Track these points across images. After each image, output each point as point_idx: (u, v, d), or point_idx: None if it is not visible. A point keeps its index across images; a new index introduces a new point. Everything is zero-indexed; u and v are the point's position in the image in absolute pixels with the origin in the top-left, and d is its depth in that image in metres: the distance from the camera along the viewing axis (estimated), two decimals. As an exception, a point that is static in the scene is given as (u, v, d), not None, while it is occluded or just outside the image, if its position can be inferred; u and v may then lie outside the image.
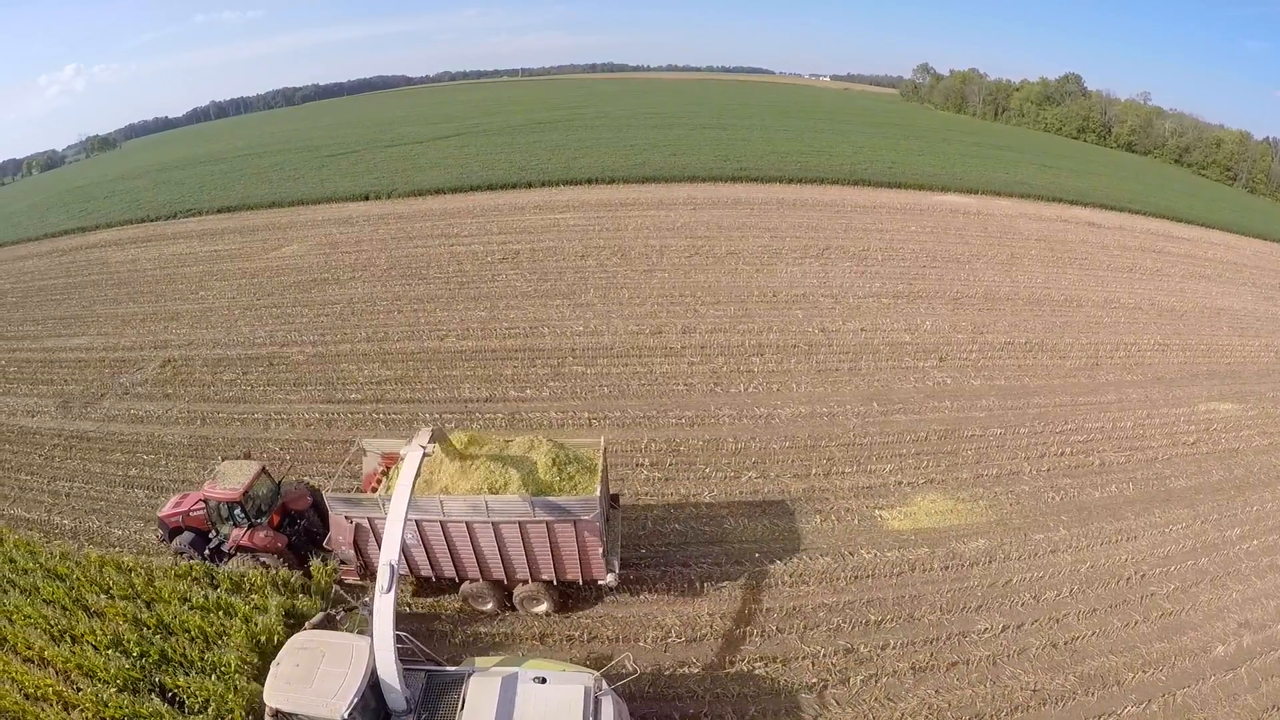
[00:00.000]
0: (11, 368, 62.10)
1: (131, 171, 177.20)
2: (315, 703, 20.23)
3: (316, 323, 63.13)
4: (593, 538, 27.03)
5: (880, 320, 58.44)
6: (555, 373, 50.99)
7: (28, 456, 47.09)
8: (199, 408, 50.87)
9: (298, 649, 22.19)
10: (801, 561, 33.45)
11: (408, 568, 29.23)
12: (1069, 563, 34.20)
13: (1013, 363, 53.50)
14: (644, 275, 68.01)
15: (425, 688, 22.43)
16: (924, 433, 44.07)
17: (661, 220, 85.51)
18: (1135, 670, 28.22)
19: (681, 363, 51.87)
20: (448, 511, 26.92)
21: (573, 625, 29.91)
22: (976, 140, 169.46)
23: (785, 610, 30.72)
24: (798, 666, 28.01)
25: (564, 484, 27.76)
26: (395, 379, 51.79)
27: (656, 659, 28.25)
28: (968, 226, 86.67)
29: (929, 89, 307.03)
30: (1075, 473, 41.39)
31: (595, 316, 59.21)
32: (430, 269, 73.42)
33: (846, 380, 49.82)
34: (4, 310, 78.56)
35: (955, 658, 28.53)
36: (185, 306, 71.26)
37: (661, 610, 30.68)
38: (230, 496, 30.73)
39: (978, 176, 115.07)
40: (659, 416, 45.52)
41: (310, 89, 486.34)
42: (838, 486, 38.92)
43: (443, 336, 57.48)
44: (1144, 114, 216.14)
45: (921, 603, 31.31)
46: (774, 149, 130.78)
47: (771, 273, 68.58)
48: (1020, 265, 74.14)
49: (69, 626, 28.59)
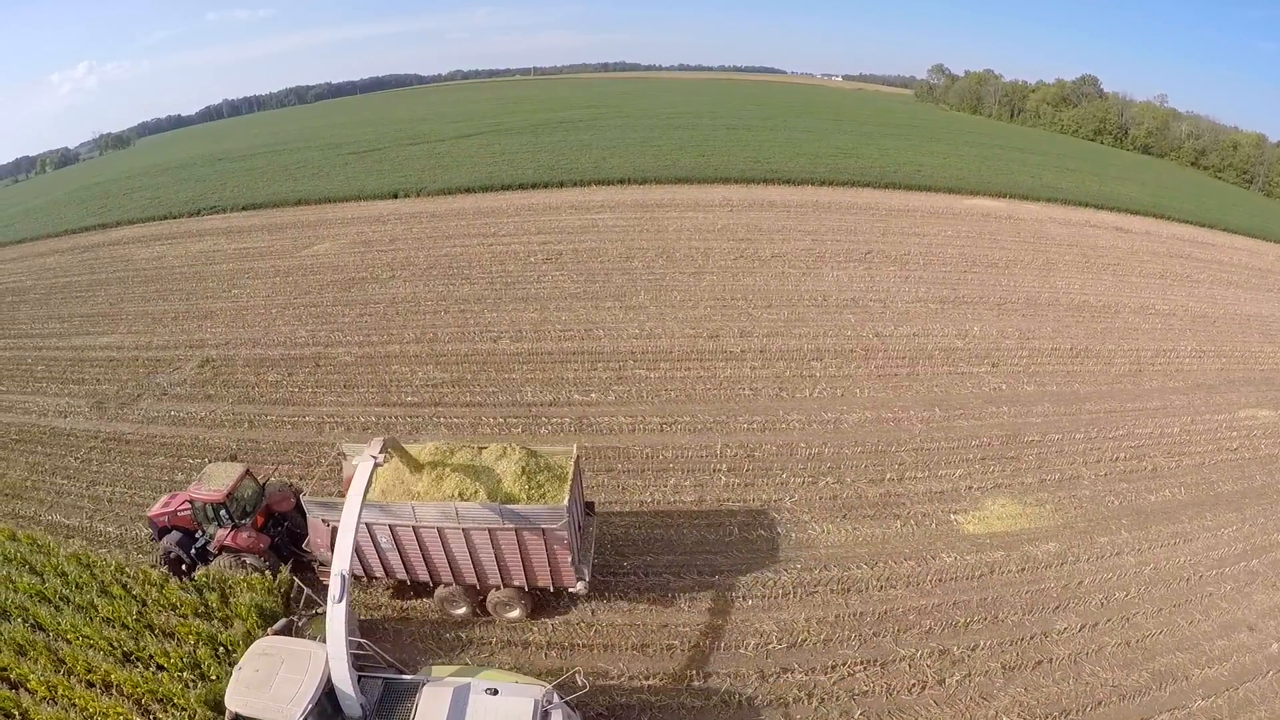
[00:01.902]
0: (39, 366, 61.77)
1: (149, 168, 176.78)
2: (272, 708, 20.98)
3: (360, 323, 62.98)
4: (561, 546, 27.35)
5: (930, 325, 58.71)
6: (618, 376, 51.12)
7: (63, 459, 46.51)
8: (244, 410, 50.63)
9: (259, 654, 22.94)
10: (887, 566, 33.93)
11: (384, 571, 29.94)
12: (1133, 564, 34.80)
13: (1061, 369, 53.79)
14: (692, 278, 68.18)
15: (382, 695, 23.00)
16: (986, 438, 44.42)
17: (701, 222, 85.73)
18: (1201, 666, 29.10)
19: (744, 367, 52.00)
20: (420, 517, 27.41)
21: (672, 634, 30.33)
22: (998, 143, 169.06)
23: (877, 614, 31.18)
24: (895, 669, 28.51)
25: (533, 492, 28.06)
26: (451, 381, 51.67)
27: (759, 665, 28.69)
28: (1000, 231, 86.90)
29: (944, 90, 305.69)
30: (1130, 477, 41.82)
31: (649, 319, 59.41)
32: (472, 269, 73.39)
33: (906, 385, 50.12)
34: (27, 307, 78.52)
35: (1039, 657, 29.15)
36: (218, 304, 71.22)
37: (758, 617, 31.05)
38: (214, 498, 31.50)
39: (1004, 180, 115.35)
40: (729, 421, 45.69)
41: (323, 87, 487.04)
42: (912, 491, 39.32)
43: (495, 338, 57.42)
44: (1160, 116, 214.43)
45: (1003, 604, 31.87)
46: (801, 150, 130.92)
47: (818, 276, 68.84)
48: (1057, 271, 74.38)
49: (136, 648, 28.42)
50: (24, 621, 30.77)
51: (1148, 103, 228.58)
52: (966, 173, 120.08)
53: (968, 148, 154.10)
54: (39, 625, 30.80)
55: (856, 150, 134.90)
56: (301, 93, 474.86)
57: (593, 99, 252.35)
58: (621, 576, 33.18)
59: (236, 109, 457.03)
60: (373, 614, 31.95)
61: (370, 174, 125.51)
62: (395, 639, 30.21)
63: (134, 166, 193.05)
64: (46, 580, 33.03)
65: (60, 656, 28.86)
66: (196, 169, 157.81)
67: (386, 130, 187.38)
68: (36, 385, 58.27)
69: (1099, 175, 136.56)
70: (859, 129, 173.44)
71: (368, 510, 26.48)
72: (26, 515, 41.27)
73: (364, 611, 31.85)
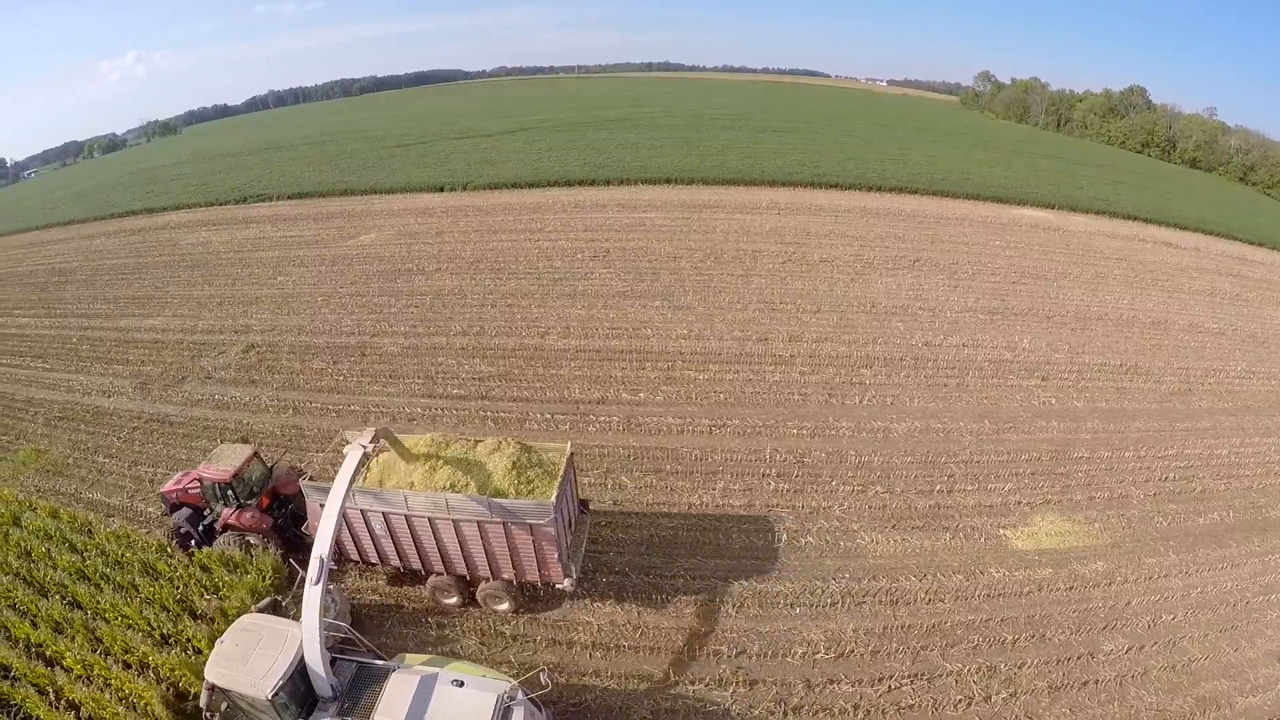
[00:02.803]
0: (84, 346, 62.72)
1: (195, 155, 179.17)
2: (246, 681, 21.60)
3: (406, 314, 63.34)
4: (548, 542, 27.61)
5: (979, 336, 58.19)
6: (666, 377, 51.03)
7: (105, 438, 47.27)
8: (288, 396, 51.16)
9: (241, 630, 23.55)
10: (935, 579, 33.69)
11: (379, 557, 30.61)
12: (1180, 588, 34.34)
13: (1110, 385, 53.14)
14: (740, 280, 67.92)
15: (354, 678, 23.49)
16: (1036, 453, 43.94)
17: (748, 224, 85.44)
18: (1245, 694, 28.75)
19: (793, 372, 51.76)
20: (412, 506, 27.90)
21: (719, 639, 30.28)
22: (1046, 153, 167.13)
23: (925, 627, 30.99)
24: (942, 684, 28.34)
25: (522, 488, 28.24)
26: (499, 376, 51.78)
27: (805, 674, 28.59)
28: (1049, 243, 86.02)
29: (990, 97, 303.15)
30: (1179, 499, 41.23)
31: (697, 320, 59.24)
32: (519, 263, 73.59)
33: (956, 396, 49.70)
34: (73, 288, 79.82)
35: (1086, 677, 28.86)
36: (264, 291, 72.04)
37: (805, 625, 30.94)
38: (221, 477, 32.34)
39: (1053, 191, 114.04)
40: (778, 426, 45.45)
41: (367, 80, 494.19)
42: (961, 504, 38.99)
43: (543, 334, 57.54)
44: (1209, 129, 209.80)
45: (1050, 623, 31.55)
46: (848, 155, 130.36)
47: (866, 283, 68.42)
48: (1105, 285, 73.58)
49: (175, 631, 28.85)
50: (62, 599, 31.37)
51: (1196, 115, 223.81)
52: (1014, 182, 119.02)
53: (1015, 156, 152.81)
54: (77, 603, 31.34)
55: (904, 156, 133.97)
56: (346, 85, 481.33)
57: (637, 98, 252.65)
58: (670, 579, 33.18)
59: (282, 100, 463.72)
60: (370, 598, 32.64)
61: (416, 167, 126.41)
62: (388, 625, 31.02)
63: (181, 154, 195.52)
64: (87, 559, 33.69)
65: (98, 635, 29.36)
66: (243, 157, 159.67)
67: (431, 124, 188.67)
68: (81, 364, 59.18)
69: (1148, 189, 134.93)
70: (905, 135, 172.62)
71: (364, 497, 28.17)
72: (67, 492, 41.98)
73: (361, 596, 32.70)
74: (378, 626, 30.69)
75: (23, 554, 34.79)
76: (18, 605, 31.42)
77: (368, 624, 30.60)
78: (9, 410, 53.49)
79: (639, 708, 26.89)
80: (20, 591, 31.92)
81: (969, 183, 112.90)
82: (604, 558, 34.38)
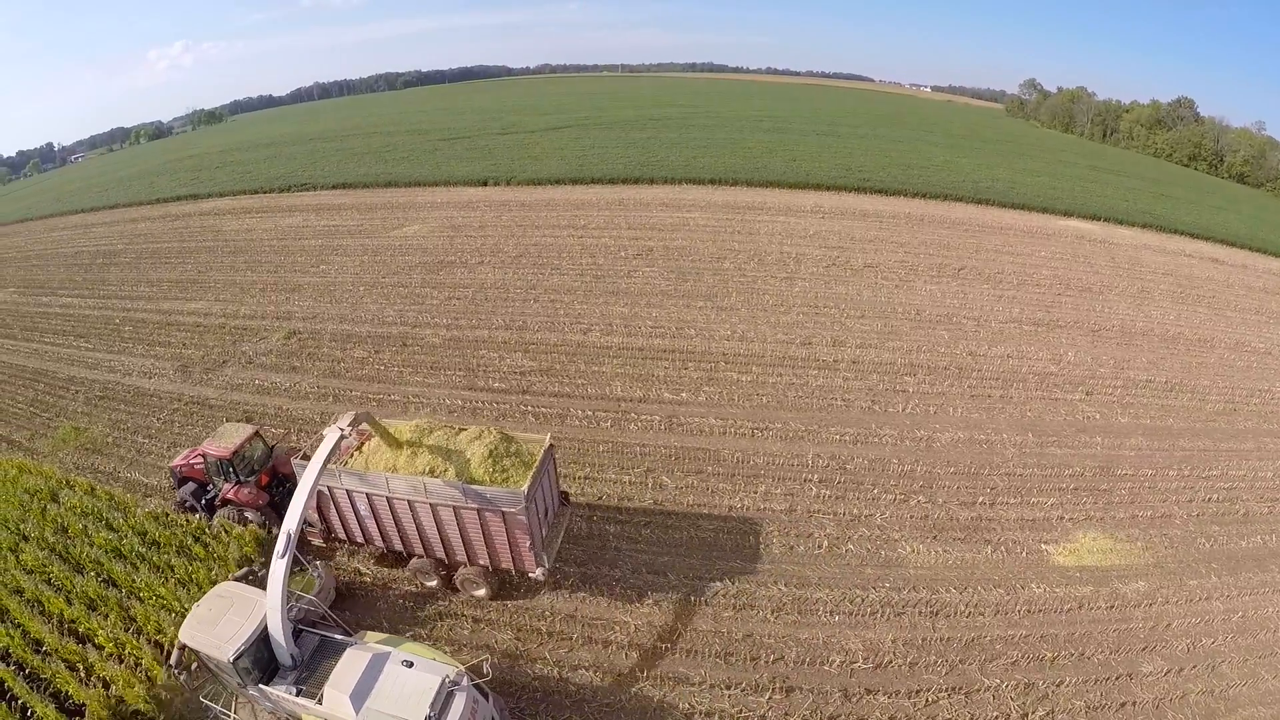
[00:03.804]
0: (127, 327, 63.73)
1: (241, 144, 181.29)
2: (212, 644, 23.08)
3: (448, 306, 63.54)
4: (520, 531, 28.08)
5: (1025, 348, 57.46)
6: (709, 377, 50.69)
7: (145, 419, 47.98)
8: (329, 384, 51.50)
9: (216, 596, 25.14)
10: (976, 592, 33.19)
11: (364, 537, 31.58)
12: (1221, 611, 33.61)
13: (1155, 402, 52.24)
14: (784, 283, 67.52)
15: (315, 650, 24.74)
16: (1079, 468, 43.23)
17: (792, 227, 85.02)
18: (1283, 725, 28.20)
19: (836, 377, 51.31)
20: (393, 489, 28.74)
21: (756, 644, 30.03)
22: (1091, 163, 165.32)
23: (964, 641, 30.55)
24: (979, 699, 27.90)
25: (497, 476, 28.57)
26: (540, 370, 51.73)
27: (843, 684, 28.28)
28: (1095, 255, 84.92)
29: (1035, 106, 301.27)
30: (1222, 520, 40.38)
31: (741, 322, 58.86)
32: (562, 259, 73.65)
33: (999, 408, 49.07)
34: (117, 270, 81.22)
35: (1124, 699, 28.30)
36: (306, 279, 72.67)
37: (844, 634, 30.59)
38: (222, 454, 34.27)
39: (1099, 202, 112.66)
40: (820, 431, 45.05)
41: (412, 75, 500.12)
42: (1003, 517, 38.44)
43: (585, 330, 57.43)
44: (1257, 144, 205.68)
45: (1090, 641, 30.99)
46: (892, 160, 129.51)
47: (911, 290, 67.83)
48: (1151, 300, 72.51)
49: None
50: (97, 576, 31.92)
51: (1245, 129, 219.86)
52: (1060, 192, 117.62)
53: (1060, 166, 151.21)
54: (112, 581, 31.88)
55: (949, 164, 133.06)
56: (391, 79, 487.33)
57: (681, 98, 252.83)
58: (708, 581, 32.95)
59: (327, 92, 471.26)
60: (359, 578, 33.52)
61: (460, 160, 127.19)
62: (377, 604, 31.98)
63: (226, 142, 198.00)
64: (124, 537, 34.14)
65: (131, 614, 29.85)
66: (288, 147, 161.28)
67: (475, 119, 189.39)
68: (123, 345, 60.15)
69: (1195, 203, 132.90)
70: (950, 142, 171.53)
71: (350, 478, 29.28)
72: (105, 471, 42.64)
73: (352, 575, 33.64)
74: (363, 604, 31.81)
75: (59, 530, 35.45)
76: (53, 580, 31.97)
77: (351, 601, 31.78)
78: (50, 388, 54.48)
79: (673, 712, 26.81)
80: (56, 567, 32.50)
81: (1015, 192, 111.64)
82: (643, 557, 34.35)
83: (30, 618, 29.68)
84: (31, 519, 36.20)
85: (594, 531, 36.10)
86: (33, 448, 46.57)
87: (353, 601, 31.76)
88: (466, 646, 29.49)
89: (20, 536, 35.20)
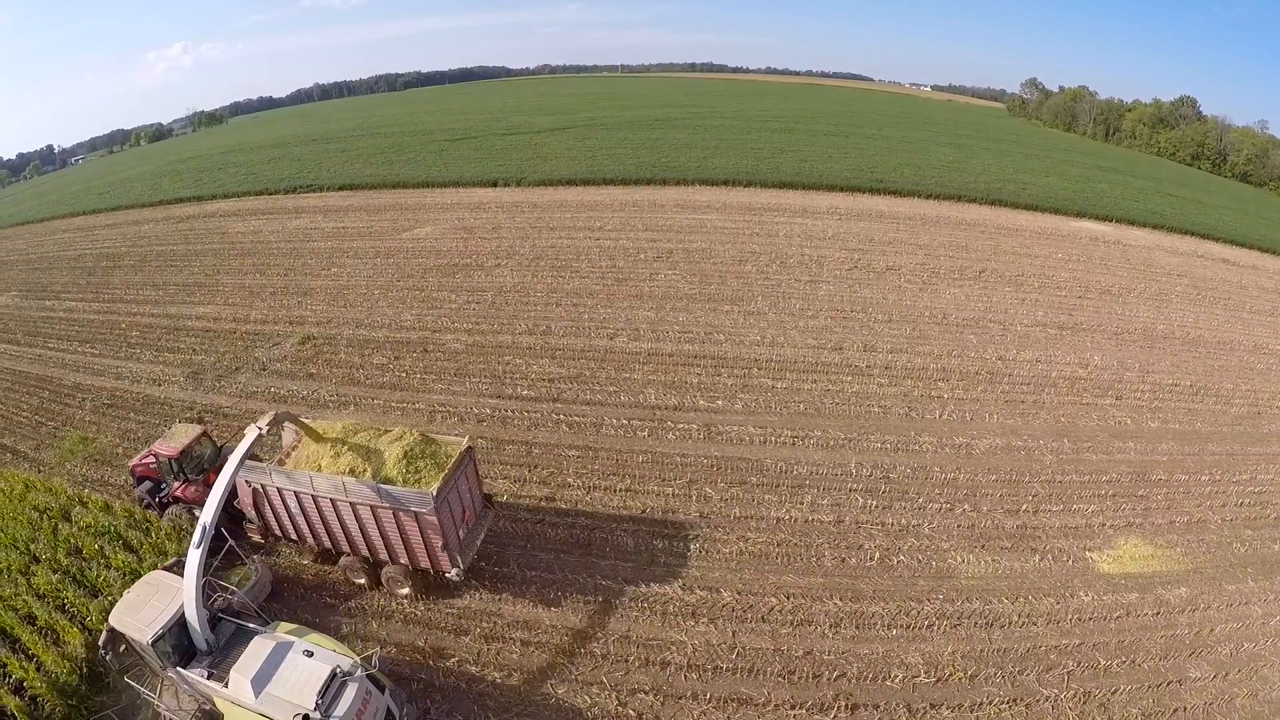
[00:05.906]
0: (134, 332, 62.82)
1: (243, 145, 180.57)
2: (135, 627, 24.65)
3: (467, 310, 62.86)
4: (432, 531, 28.76)
5: (1052, 352, 57.13)
6: (743, 384, 50.04)
7: (155, 428, 45.77)
8: (349, 391, 50.63)
9: (146, 583, 26.92)
10: (1027, 602, 32.86)
11: (296, 535, 32.27)
12: (1260, 615, 33.44)
13: (1182, 406, 51.96)
14: (808, 286, 67.16)
15: (231, 637, 25.93)
16: (1115, 474, 42.95)
17: (810, 229, 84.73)
18: (1327, 728, 28.14)
19: (870, 383, 50.88)
20: (316, 487, 29.54)
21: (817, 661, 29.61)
22: (1096, 163, 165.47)
23: (1020, 652, 30.19)
24: (1039, 710, 27.60)
25: (409, 476, 29.30)
26: (569, 378, 50.98)
27: (907, 699, 27.82)
28: (1110, 256, 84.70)
29: (1037, 105, 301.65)
30: (1255, 524, 40.15)
31: (769, 326, 58.39)
32: (580, 262, 73.17)
33: (1033, 414, 48.72)
34: (122, 273, 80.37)
35: (1175, 705, 28.11)
36: (318, 282, 71.84)
37: (903, 648, 30.18)
38: (170, 453, 35.15)
39: (1109, 203, 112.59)
40: (860, 439, 44.58)
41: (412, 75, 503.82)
42: (1047, 525, 38.13)
43: (612, 335, 56.81)
44: (1260, 143, 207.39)
45: (1139, 648, 30.79)
46: (903, 161, 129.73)
47: (935, 293, 67.47)
48: (1170, 302, 72.22)
49: None
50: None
51: (1248, 128, 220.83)
52: (1070, 193, 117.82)
53: (1067, 166, 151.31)
54: None
55: (960, 164, 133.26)
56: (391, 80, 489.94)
57: (685, 98, 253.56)
58: (763, 597, 32.44)
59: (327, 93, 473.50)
60: (297, 573, 34.10)
61: (467, 161, 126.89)
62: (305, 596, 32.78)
63: (228, 143, 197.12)
64: (144, 560, 33.20)
65: None
66: (291, 148, 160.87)
67: (479, 120, 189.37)
68: (130, 351, 59.30)
69: (1200, 203, 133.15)
70: (956, 141, 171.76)
71: (278, 476, 30.16)
72: (117, 484, 41.58)
73: (289, 570, 34.21)
74: (298, 598, 32.51)
75: (72, 551, 34.26)
76: (67, 607, 31.12)
77: (289, 596, 32.53)
78: (56, 395, 53.62)
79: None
80: (70, 592, 31.61)
81: (1026, 193, 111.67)
82: (694, 573, 33.81)
83: (45, 648, 28.74)
84: (42, 539, 34.85)
85: (640, 546, 35.55)
86: (38, 458, 45.47)
87: (290, 596, 32.50)
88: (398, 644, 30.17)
89: (31, 558, 33.83)
